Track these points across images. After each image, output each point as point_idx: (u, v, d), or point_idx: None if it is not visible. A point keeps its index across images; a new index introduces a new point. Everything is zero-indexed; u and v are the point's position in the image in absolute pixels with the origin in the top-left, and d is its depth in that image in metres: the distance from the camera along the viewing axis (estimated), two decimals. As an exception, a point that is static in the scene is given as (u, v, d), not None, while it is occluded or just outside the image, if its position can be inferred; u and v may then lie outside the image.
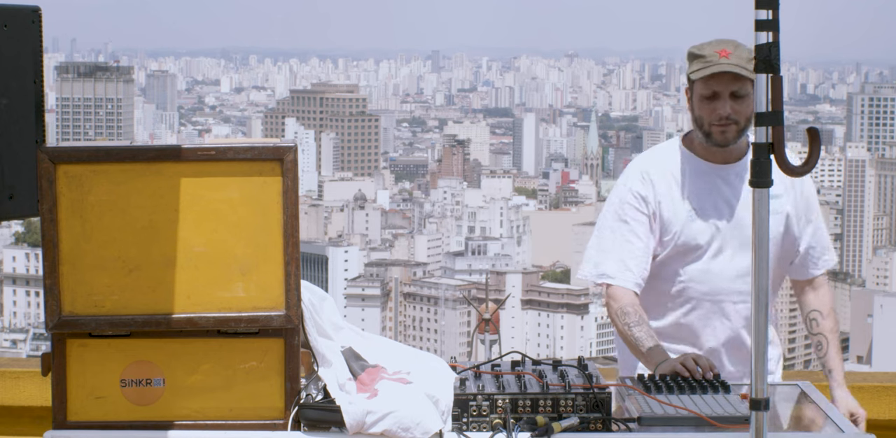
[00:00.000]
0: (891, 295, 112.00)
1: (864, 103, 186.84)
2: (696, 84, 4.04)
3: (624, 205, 4.12)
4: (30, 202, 3.34)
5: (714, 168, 4.13)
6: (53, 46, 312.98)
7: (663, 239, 4.11)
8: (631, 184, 4.14)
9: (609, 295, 4.10)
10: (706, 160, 4.13)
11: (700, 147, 4.13)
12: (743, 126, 4.03)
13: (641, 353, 3.94)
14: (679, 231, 4.09)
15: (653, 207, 4.10)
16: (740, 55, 3.99)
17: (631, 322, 3.99)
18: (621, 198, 4.14)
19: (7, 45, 3.33)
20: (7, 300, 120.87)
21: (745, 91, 4.01)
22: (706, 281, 4.12)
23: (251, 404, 3.24)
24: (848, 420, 3.42)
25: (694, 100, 4.07)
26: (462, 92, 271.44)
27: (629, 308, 4.02)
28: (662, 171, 4.13)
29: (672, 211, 4.09)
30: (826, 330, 4.22)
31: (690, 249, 4.10)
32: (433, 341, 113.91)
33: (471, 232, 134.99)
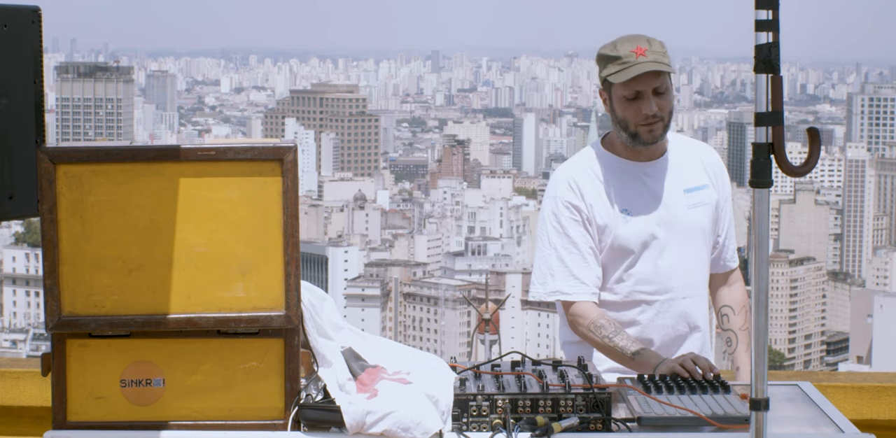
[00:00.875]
0: (891, 295, 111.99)
1: (864, 103, 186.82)
2: (614, 86, 3.98)
3: (559, 217, 4.06)
4: (30, 202, 3.34)
5: (638, 166, 4.09)
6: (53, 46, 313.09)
7: (600, 243, 4.06)
8: (560, 194, 4.07)
9: (572, 313, 4.04)
10: (629, 159, 4.09)
11: (622, 147, 4.08)
12: (667, 121, 4.00)
13: (630, 360, 3.90)
14: (613, 233, 4.04)
15: (586, 214, 4.05)
16: (655, 50, 3.94)
17: (608, 333, 3.95)
18: (554, 210, 4.08)
19: (7, 45, 3.32)
20: (7, 300, 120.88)
21: (665, 86, 3.97)
22: (652, 280, 4.08)
23: (251, 404, 3.24)
24: (848, 420, 3.42)
25: (614, 101, 4.00)
26: (462, 92, 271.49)
27: (601, 320, 3.98)
28: (588, 176, 4.08)
29: (604, 214, 4.05)
30: (736, 326, 4.21)
31: (627, 251, 4.06)
32: (433, 341, 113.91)
33: (471, 232, 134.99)
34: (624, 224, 4.04)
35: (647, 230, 4.05)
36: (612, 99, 4.01)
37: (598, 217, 4.05)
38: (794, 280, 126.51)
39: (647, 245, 4.06)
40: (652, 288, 4.09)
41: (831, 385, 4.74)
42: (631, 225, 4.05)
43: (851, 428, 3.32)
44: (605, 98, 4.06)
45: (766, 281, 3.01)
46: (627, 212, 4.05)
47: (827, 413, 3.45)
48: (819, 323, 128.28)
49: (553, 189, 4.11)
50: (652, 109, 3.95)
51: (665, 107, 3.97)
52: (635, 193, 4.07)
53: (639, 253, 4.06)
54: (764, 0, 2.92)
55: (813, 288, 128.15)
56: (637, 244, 4.05)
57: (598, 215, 4.05)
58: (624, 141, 4.05)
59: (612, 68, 3.96)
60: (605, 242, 4.06)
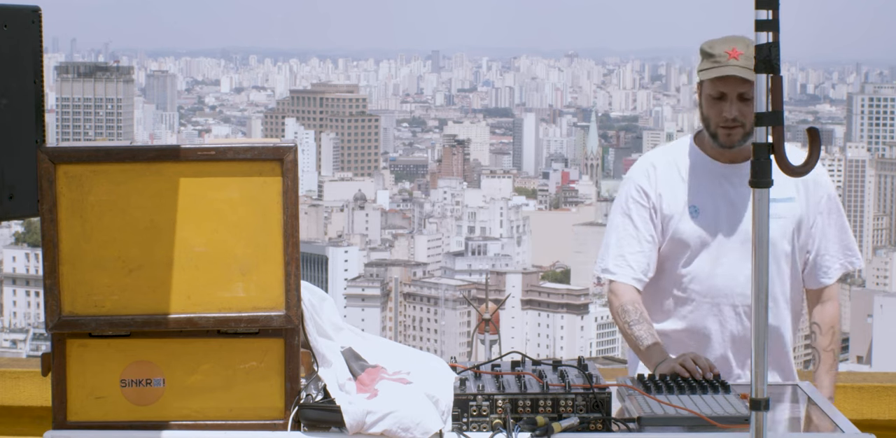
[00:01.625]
0: (891, 295, 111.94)
1: (864, 103, 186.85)
2: (704, 83, 4.02)
3: (628, 200, 4.12)
4: (30, 202, 3.34)
5: (720, 167, 4.10)
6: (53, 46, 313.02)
7: (663, 233, 4.09)
8: (636, 177, 4.14)
9: (611, 291, 4.10)
10: (714, 159, 4.10)
11: (710, 146, 4.10)
12: (749, 129, 3.97)
13: (640, 351, 3.93)
14: (677, 225, 4.06)
15: (654, 201, 4.09)
16: (750, 56, 3.91)
17: (631, 320, 3.97)
18: (626, 192, 4.15)
19: (7, 45, 3.32)
20: (7, 300, 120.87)
21: (752, 93, 3.97)
22: (704, 281, 4.07)
23: (251, 404, 3.24)
24: (848, 420, 3.42)
25: (703, 98, 4.04)
26: (462, 92, 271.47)
27: (629, 306, 4.00)
28: (668, 166, 4.12)
29: (671, 205, 4.08)
30: (821, 346, 4.14)
31: (685, 246, 4.06)
32: (433, 341, 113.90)
33: (471, 232, 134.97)
34: (689, 219, 4.06)
35: (709, 230, 4.05)
36: (701, 95, 4.06)
37: (666, 207, 4.08)
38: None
39: (706, 245, 4.06)
40: (702, 290, 4.08)
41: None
42: (695, 222, 4.05)
43: (851, 428, 3.32)
44: (699, 93, 4.09)
45: (766, 281, 3.01)
46: (695, 209, 4.06)
47: (827, 413, 3.45)
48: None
49: (633, 171, 4.18)
50: (732, 113, 3.96)
51: (748, 114, 3.94)
52: (709, 192, 4.08)
53: (696, 251, 4.06)
54: (764, 0, 2.92)
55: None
56: (695, 242, 4.06)
57: (666, 205, 4.08)
58: (707, 139, 4.08)
59: (704, 64, 4.00)
60: (667, 233, 4.08)
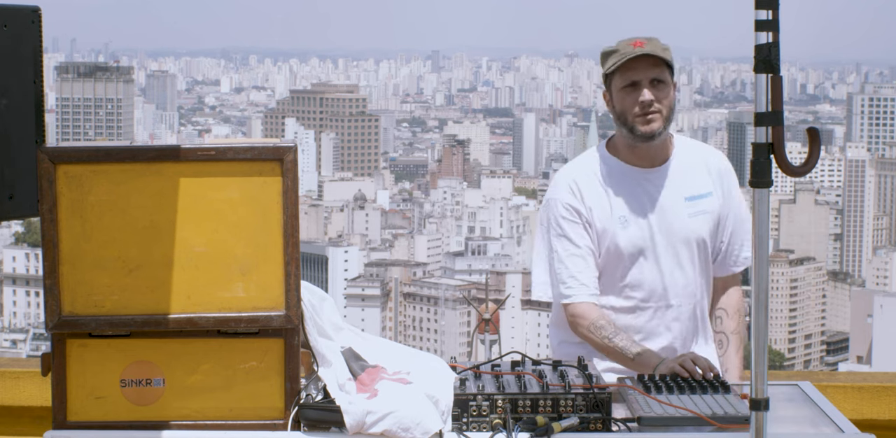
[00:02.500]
0: (891, 295, 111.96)
1: (864, 103, 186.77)
2: (613, 78, 4.01)
3: (559, 219, 4.06)
4: (30, 202, 3.34)
5: (640, 172, 4.08)
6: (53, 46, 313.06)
7: (599, 246, 4.06)
8: (560, 196, 4.08)
9: (571, 314, 4.04)
10: (631, 164, 4.09)
11: (625, 151, 4.08)
12: (666, 115, 3.98)
13: (630, 361, 3.91)
14: (612, 237, 4.05)
15: (585, 216, 4.05)
16: (655, 44, 3.97)
17: (608, 334, 3.96)
18: (553, 212, 4.08)
19: (7, 45, 3.33)
20: (7, 300, 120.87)
21: (664, 77, 3.98)
22: (647, 287, 4.08)
23: (251, 404, 3.24)
24: (848, 420, 3.41)
25: (613, 95, 4.02)
26: (462, 92, 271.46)
27: (601, 321, 3.99)
28: (589, 179, 4.08)
29: (603, 219, 4.05)
30: (728, 329, 4.22)
31: (624, 255, 4.06)
32: (433, 341, 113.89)
33: (471, 232, 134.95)
34: (621, 230, 4.04)
35: (643, 237, 4.05)
36: (612, 94, 4.03)
37: (598, 221, 4.05)
38: (794, 280, 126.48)
39: (643, 252, 4.06)
40: (645, 295, 4.09)
41: (831, 385, 4.74)
42: (627, 232, 4.05)
43: (851, 428, 3.32)
44: (608, 97, 4.07)
45: (766, 281, 3.01)
46: (625, 219, 4.05)
47: (827, 413, 3.46)
48: (819, 323, 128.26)
49: (554, 190, 4.12)
50: (648, 97, 3.94)
51: (662, 100, 3.96)
52: (634, 200, 4.06)
53: (634, 259, 4.06)
54: (764, 0, 2.92)
55: (813, 288, 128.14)
56: (632, 250, 4.05)
57: (598, 219, 4.05)
58: (625, 138, 4.04)
59: (610, 61, 4.00)
60: (602, 246, 4.06)
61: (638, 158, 4.08)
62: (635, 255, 4.06)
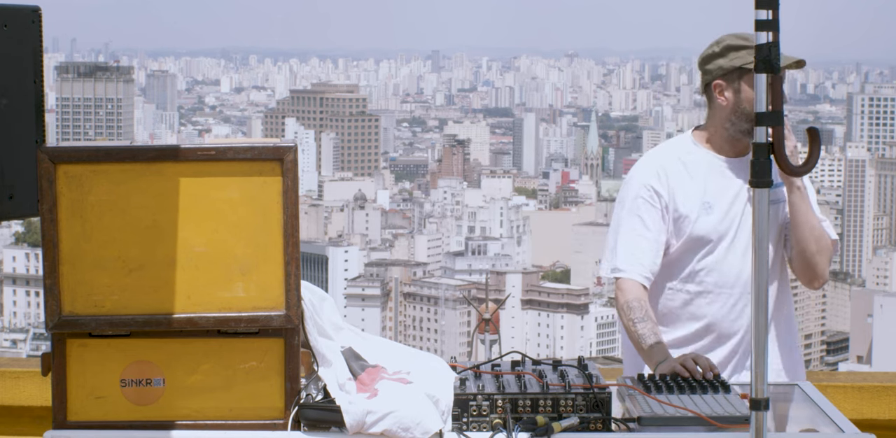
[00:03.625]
0: (891, 295, 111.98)
1: (864, 103, 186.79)
2: (748, 74, 4.04)
3: (637, 200, 4.15)
4: (30, 202, 3.34)
5: (726, 161, 4.18)
6: (53, 46, 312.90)
7: (677, 232, 4.13)
8: (645, 178, 4.16)
9: (617, 287, 4.13)
10: (717, 153, 4.18)
11: (721, 143, 4.17)
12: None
13: (643, 350, 3.96)
14: (693, 224, 4.12)
15: (665, 201, 4.13)
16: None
17: (635, 317, 4.00)
18: (635, 192, 4.16)
19: (7, 45, 3.33)
20: (7, 300, 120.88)
21: None
22: (722, 272, 4.14)
23: (251, 404, 3.24)
24: (848, 420, 3.41)
25: (743, 90, 4.07)
26: (462, 92, 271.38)
27: (635, 303, 4.03)
28: (676, 165, 4.17)
29: (686, 204, 4.13)
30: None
31: (704, 242, 4.13)
32: (433, 341, 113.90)
33: (471, 232, 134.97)
34: (705, 215, 4.11)
35: (726, 223, 4.12)
36: (741, 88, 4.08)
37: (681, 205, 4.12)
38: (795, 280, 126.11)
39: (724, 237, 4.12)
40: (722, 281, 4.14)
41: (831, 385, 4.74)
42: (711, 218, 4.11)
43: (851, 428, 3.32)
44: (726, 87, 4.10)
45: (766, 281, 3.01)
46: (709, 205, 4.12)
47: (827, 413, 3.45)
48: (819, 322, 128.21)
49: (640, 171, 4.19)
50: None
51: None
52: (719, 187, 4.14)
53: (715, 244, 4.12)
54: (764, 0, 2.92)
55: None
56: (714, 236, 4.12)
57: (681, 204, 4.12)
58: (734, 131, 4.11)
59: (751, 56, 3.99)
60: (683, 231, 4.12)
61: (726, 149, 4.16)
62: (717, 240, 4.12)
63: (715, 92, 4.13)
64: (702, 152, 4.19)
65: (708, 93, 4.17)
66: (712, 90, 4.14)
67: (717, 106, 4.15)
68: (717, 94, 4.13)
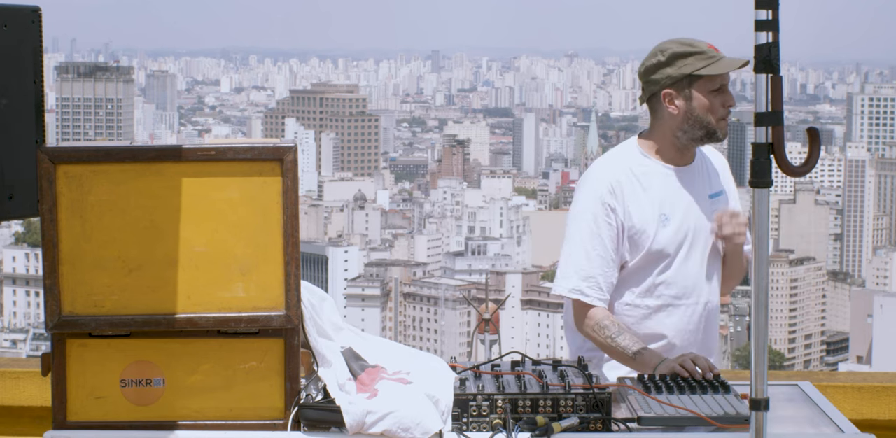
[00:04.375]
0: (891, 295, 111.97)
1: (864, 103, 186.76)
2: (699, 81, 4.00)
3: (597, 218, 4.05)
4: (30, 202, 3.34)
5: (676, 170, 4.11)
6: (53, 46, 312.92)
7: (634, 247, 4.06)
8: (602, 194, 4.05)
9: (578, 310, 4.06)
10: (666, 163, 4.11)
11: (669, 151, 4.10)
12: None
13: (632, 359, 3.92)
14: (652, 238, 4.05)
15: (621, 218, 4.04)
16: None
17: (612, 333, 3.97)
18: (593, 210, 4.05)
19: (7, 45, 3.33)
20: (7, 300, 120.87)
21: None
22: (681, 285, 4.10)
23: (251, 404, 3.24)
24: (848, 420, 3.41)
25: (695, 98, 4.01)
26: (462, 92, 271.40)
27: (605, 321, 3.99)
28: (629, 178, 4.07)
29: (643, 218, 4.05)
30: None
31: (664, 255, 4.07)
32: (433, 341, 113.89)
33: (471, 232, 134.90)
34: (662, 228, 4.05)
35: (682, 234, 4.07)
36: (692, 95, 4.03)
37: (637, 221, 4.04)
38: (794, 280, 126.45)
39: (680, 250, 4.08)
40: (681, 293, 4.10)
41: (831, 385, 4.74)
42: (668, 230, 4.06)
43: (851, 428, 3.32)
44: (676, 96, 4.04)
45: (766, 281, 3.01)
46: (665, 217, 4.06)
47: (827, 413, 3.46)
48: (819, 323, 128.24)
49: (595, 187, 4.07)
50: (733, 101, 4.04)
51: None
52: (673, 198, 4.08)
53: (672, 257, 4.08)
54: (764, 0, 2.92)
55: (813, 288, 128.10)
56: (673, 248, 4.07)
57: (637, 219, 4.04)
58: (685, 138, 4.05)
59: (699, 63, 3.99)
60: (642, 246, 4.05)
61: (679, 158, 4.11)
62: (674, 253, 4.08)
63: (664, 101, 4.05)
64: (651, 163, 4.10)
65: (653, 103, 4.09)
66: (661, 100, 4.05)
67: (667, 115, 4.06)
68: (667, 104, 4.04)
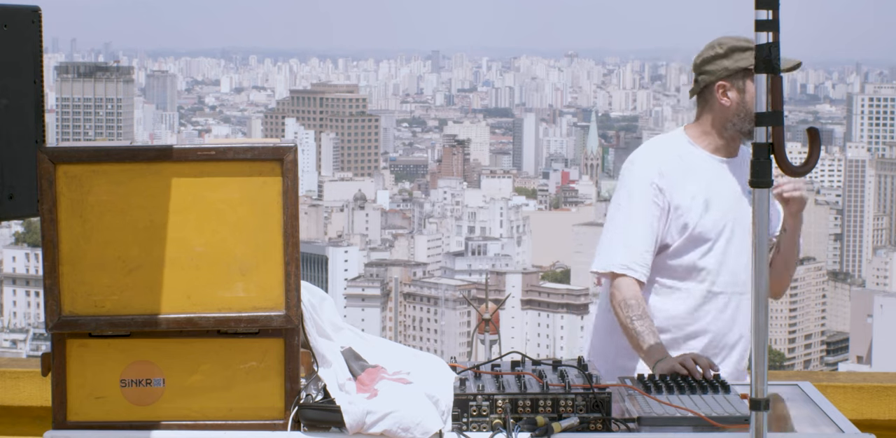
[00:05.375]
0: (891, 295, 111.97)
1: (864, 103, 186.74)
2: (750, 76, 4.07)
3: (646, 197, 4.14)
4: (30, 202, 3.34)
5: (720, 161, 4.22)
6: (53, 46, 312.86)
7: (677, 230, 4.15)
8: (649, 175, 4.16)
9: (614, 285, 4.12)
10: (712, 153, 4.22)
11: (716, 142, 4.20)
12: None
13: (641, 348, 3.98)
14: (694, 222, 4.14)
15: (668, 198, 4.14)
16: None
17: (633, 315, 4.02)
18: (641, 190, 4.15)
19: (7, 45, 3.33)
20: (7, 300, 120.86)
21: None
22: (721, 271, 4.17)
23: (251, 404, 3.24)
24: (848, 420, 3.41)
25: (748, 91, 4.11)
26: (462, 92, 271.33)
27: (632, 301, 4.05)
28: (676, 162, 4.19)
29: (688, 201, 4.15)
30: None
31: (703, 240, 4.15)
32: (433, 341, 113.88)
33: (471, 232, 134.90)
34: (705, 213, 4.14)
35: (724, 222, 4.15)
36: (746, 88, 4.11)
37: (683, 203, 4.14)
38: (794, 280, 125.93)
39: (721, 236, 4.16)
40: (720, 280, 4.17)
41: (831, 385, 4.74)
42: (710, 216, 4.14)
43: (851, 428, 3.32)
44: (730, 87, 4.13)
45: (766, 281, 3.01)
46: (708, 203, 4.15)
47: (827, 413, 3.46)
48: (819, 323, 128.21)
49: (645, 168, 4.18)
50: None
51: None
52: (717, 186, 4.17)
53: (713, 243, 4.16)
54: (764, 0, 2.92)
55: (813, 288, 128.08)
56: (714, 233, 4.15)
57: (683, 201, 4.14)
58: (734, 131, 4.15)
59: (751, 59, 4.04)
60: (685, 230, 4.14)
61: (725, 150, 4.21)
62: (716, 239, 4.15)
63: (718, 93, 4.15)
64: (698, 151, 4.22)
65: (706, 94, 4.19)
66: (714, 91, 4.15)
67: (718, 107, 4.16)
68: (720, 95, 4.14)
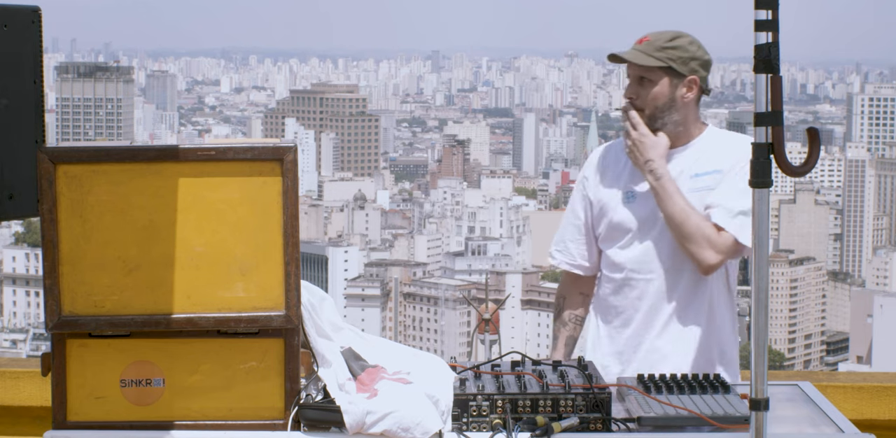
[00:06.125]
0: (891, 295, 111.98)
1: (864, 103, 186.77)
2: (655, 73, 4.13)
3: (575, 189, 4.34)
4: (30, 202, 3.34)
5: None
6: (53, 46, 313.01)
7: (598, 219, 4.23)
8: (585, 164, 4.33)
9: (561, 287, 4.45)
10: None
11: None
12: (649, 113, 4.09)
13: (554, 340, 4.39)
14: (613, 212, 4.18)
15: (592, 190, 4.23)
16: (653, 42, 4.09)
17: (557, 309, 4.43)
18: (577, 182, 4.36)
19: (7, 45, 3.32)
20: (7, 300, 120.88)
21: (651, 77, 4.10)
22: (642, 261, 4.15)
23: (251, 404, 3.24)
24: (848, 420, 3.41)
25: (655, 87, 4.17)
26: (462, 92, 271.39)
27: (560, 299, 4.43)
28: (612, 156, 4.26)
29: (608, 194, 4.20)
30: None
31: (624, 231, 4.17)
32: (433, 341, 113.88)
33: (471, 232, 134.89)
34: (625, 205, 4.17)
35: (645, 213, 4.13)
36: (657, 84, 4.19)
37: (604, 195, 4.21)
38: (794, 280, 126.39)
39: (643, 226, 4.14)
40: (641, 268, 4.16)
41: (831, 385, 4.75)
42: (630, 207, 4.16)
43: (851, 428, 3.32)
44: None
45: (766, 281, 3.01)
46: (632, 194, 4.16)
47: (827, 413, 3.46)
48: (819, 323, 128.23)
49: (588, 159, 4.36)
50: (629, 92, 4.15)
51: (644, 97, 4.10)
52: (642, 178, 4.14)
53: (634, 234, 4.16)
54: (764, 0, 2.92)
55: (813, 288, 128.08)
56: (633, 225, 4.16)
57: (603, 192, 4.21)
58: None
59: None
60: (605, 220, 4.21)
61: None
62: (636, 230, 4.16)
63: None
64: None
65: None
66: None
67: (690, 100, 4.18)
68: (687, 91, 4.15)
